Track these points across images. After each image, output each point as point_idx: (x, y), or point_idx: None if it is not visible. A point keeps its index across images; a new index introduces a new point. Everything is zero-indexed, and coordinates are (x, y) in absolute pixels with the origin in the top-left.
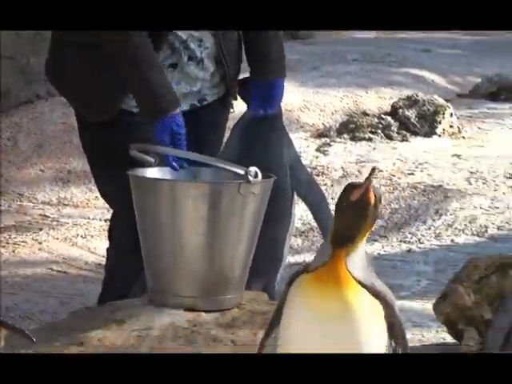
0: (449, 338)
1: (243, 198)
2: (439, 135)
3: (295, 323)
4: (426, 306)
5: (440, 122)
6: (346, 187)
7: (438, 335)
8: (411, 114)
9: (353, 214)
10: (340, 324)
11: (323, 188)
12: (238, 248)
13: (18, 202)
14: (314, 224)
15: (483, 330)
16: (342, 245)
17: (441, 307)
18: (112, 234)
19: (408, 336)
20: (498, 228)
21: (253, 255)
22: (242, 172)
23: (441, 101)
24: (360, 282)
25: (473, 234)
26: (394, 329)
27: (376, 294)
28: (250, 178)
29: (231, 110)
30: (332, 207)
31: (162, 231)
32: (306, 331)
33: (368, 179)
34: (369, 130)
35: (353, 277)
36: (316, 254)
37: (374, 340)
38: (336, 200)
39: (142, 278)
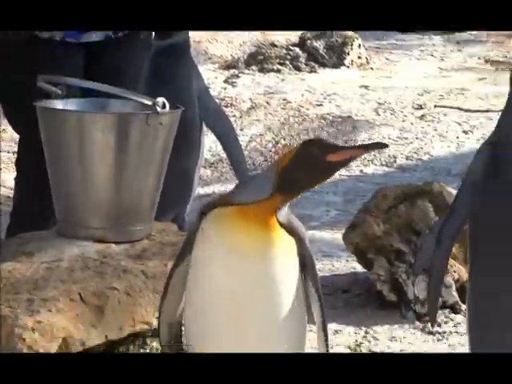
0: (359, 268)
1: (151, 128)
2: (347, 66)
3: (209, 255)
4: (336, 235)
5: (348, 53)
6: (325, 145)
7: (348, 265)
8: (319, 45)
9: (320, 173)
10: (258, 261)
11: (232, 119)
12: (146, 179)
13: None
14: (224, 155)
15: (392, 258)
16: (290, 194)
17: (350, 237)
18: (19, 166)
19: (318, 266)
20: (407, 158)
21: (162, 186)
22: (149, 103)
23: (349, 32)
24: (282, 224)
25: (381, 165)
26: (305, 261)
27: (291, 231)
28: (158, 109)
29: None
30: (241, 138)
31: (71, 163)
32: (220, 265)
33: (360, 149)
34: (277, 61)
35: (278, 220)
36: (243, 188)
37: (289, 277)
38: (303, 153)
39: (51, 209)
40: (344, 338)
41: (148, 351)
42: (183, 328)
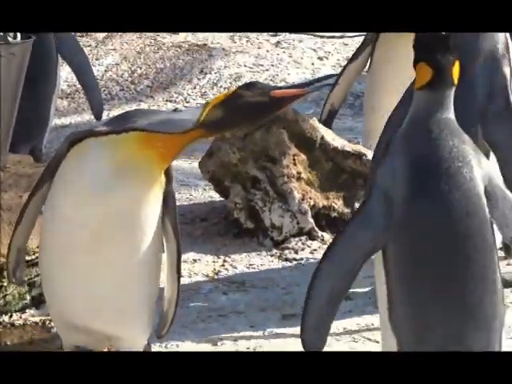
0: (217, 196)
1: (4, 59)
2: None
3: (73, 189)
4: (193, 164)
5: None
6: (267, 85)
7: (205, 193)
8: None
9: (261, 109)
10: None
11: (87, 49)
12: None
13: None
14: (79, 86)
15: (249, 186)
16: (213, 132)
17: (207, 165)
18: None
19: (177, 195)
20: None
21: (17, 118)
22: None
23: None
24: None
25: None
26: (168, 198)
27: (167, 169)
28: (10, 39)
29: None
30: (97, 68)
31: None
32: (84, 198)
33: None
34: None
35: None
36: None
37: (152, 215)
38: (242, 91)
39: None
40: (202, 267)
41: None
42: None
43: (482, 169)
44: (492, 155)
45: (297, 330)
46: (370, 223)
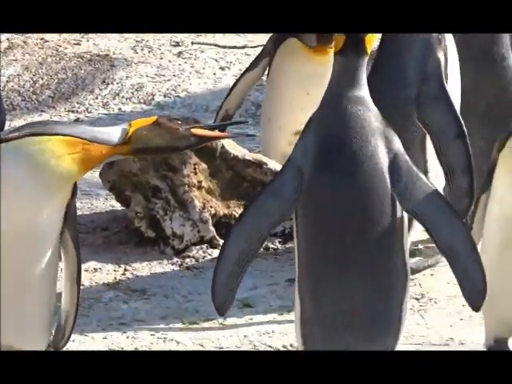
0: (117, 206)
1: None
2: None
3: None
4: (95, 174)
5: None
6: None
7: (106, 203)
8: None
9: (179, 141)
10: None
11: None
12: None
13: None
14: None
15: (149, 195)
16: (135, 151)
17: (107, 174)
18: None
19: (78, 204)
20: (165, 95)
21: None
22: None
23: None
24: None
25: (140, 102)
26: (69, 211)
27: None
28: None
29: None
30: None
31: None
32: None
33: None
34: None
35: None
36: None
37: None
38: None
39: None
40: (103, 276)
41: None
42: None
43: (389, 144)
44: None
45: (198, 337)
46: (280, 194)
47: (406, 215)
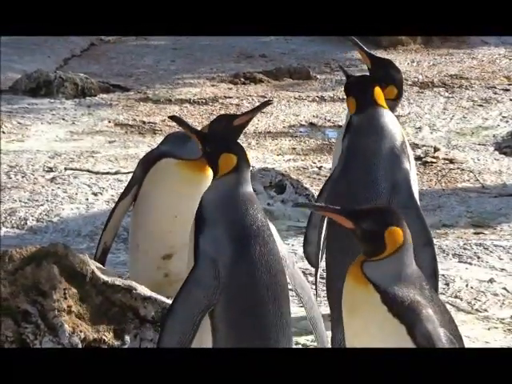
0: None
1: None
2: None
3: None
4: None
5: None
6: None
7: None
8: None
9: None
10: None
11: None
12: None
13: None
14: None
15: (20, 319)
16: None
17: None
18: None
19: None
20: (37, 220)
21: None
22: None
23: None
24: None
25: (12, 227)
26: None
27: None
28: None
29: None
30: None
31: None
32: None
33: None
34: None
35: None
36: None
37: None
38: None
39: None
40: None
41: None
42: None
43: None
44: None
45: None
46: (200, 284)
47: None
